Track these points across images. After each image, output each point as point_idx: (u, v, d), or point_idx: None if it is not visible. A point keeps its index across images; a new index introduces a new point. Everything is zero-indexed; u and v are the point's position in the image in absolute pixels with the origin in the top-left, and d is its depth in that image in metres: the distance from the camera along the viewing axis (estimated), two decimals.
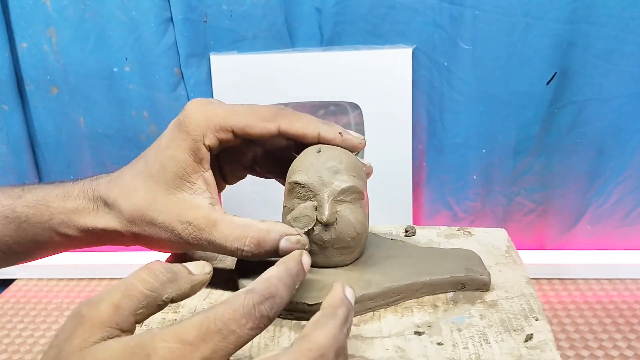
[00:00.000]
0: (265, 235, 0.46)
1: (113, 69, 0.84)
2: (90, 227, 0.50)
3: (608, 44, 0.77)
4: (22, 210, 0.50)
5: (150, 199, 0.48)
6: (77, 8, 0.81)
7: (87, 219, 0.50)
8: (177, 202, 0.48)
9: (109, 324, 0.34)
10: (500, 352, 0.41)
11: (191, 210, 0.47)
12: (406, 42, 0.81)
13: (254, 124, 0.48)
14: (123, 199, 0.49)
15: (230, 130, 0.48)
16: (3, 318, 0.85)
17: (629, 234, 0.88)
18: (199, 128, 0.48)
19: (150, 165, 0.49)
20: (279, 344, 0.43)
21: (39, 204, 0.50)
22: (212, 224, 0.47)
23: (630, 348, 0.73)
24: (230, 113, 0.49)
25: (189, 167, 0.48)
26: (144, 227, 0.48)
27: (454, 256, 0.51)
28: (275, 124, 0.48)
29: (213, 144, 0.48)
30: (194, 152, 0.48)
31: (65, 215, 0.50)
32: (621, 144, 0.82)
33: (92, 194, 0.50)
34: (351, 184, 0.47)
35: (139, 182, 0.49)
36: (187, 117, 0.49)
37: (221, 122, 0.48)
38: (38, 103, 0.87)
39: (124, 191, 0.49)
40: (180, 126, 0.49)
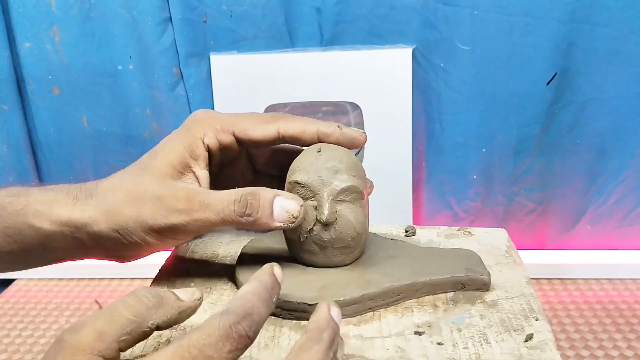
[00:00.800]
0: (261, 190, 0.45)
1: (117, 67, 0.84)
2: (65, 219, 0.46)
3: (608, 44, 0.77)
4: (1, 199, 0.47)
5: (137, 182, 0.47)
6: (82, 7, 0.81)
7: (64, 210, 0.46)
8: (165, 184, 0.47)
9: (91, 350, 0.32)
10: (501, 352, 0.41)
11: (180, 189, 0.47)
12: (406, 42, 0.81)
13: (254, 127, 0.49)
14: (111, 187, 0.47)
15: (231, 133, 0.49)
16: (3, 318, 0.85)
17: (629, 234, 0.88)
18: (201, 126, 0.49)
19: (144, 159, 0.49)
20: (279, 344, 0.43)
21: (19, 194, 0.48)
22: (207, 192, 0.46)
23: (630, 348, 0.73)
24: (232, 117, 0.50)
25: (182, 159, 0.48)
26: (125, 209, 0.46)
27: (454, 256, 0.51)
28: (275, 126, 0.49)
29: (212, 143, 0.49)
30: (190, 147, 0.48)
31: (41, 204, 0.47)
32: (621, 144, 0.82)
33: (78, 188, 0.48)
34: (351, 184, 0.47)
35: (129, 173, 0.48)
36: (192, 117, 0.50)
37: (223, 124, 0.49)
38: (39, 103, 0.87)
39: (113, 182, 0.48)
40: (183, 126, 0.50)
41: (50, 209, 0.46)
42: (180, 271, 0.53)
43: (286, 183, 0.49)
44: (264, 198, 0.45)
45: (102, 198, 0.46)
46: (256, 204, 0.45)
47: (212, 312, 0.46)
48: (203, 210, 0.45)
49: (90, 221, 0.46)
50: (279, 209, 0.45)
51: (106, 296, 0.90)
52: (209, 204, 0.45)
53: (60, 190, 0.48)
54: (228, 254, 0.55)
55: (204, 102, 0.85)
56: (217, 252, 0.56)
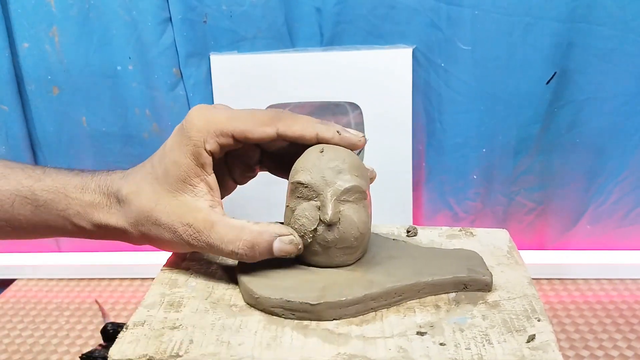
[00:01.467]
0: (258, 237, 0.47)
1: (117, 67, 0.84)
2: (103, 223, 0.51)
3: (608, 43, 0.77)
4: (41, 194, 0.52)
5: (155, 200, 0.49)
6: (81, 7, 0.81)
7: (101, 215, 0.51)
8: (179, 205, 0.49)
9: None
10: (503, 353, 0.41)
11: (191, 212, 0.48)
12: (406, 42, 0.81)
13: (252, 128, 0.49)
14: (132, 197, 0.50)
15: (230, 136, 0.49)
16: (3, 318, 0.85)
17: (629, 234, 0.88)
18: (200, 133, 0.49)
19: (156, 167, 0.50)
20: (281, 344, 0.43)
21: (58, 191, 0.52)
22: (210, 225, 0.48)
23: (630, 348, 0.73)
24: (230, 119, 0.49)
25: (190, 171, 0.49)
26: (149, 227, 0.49)
27: (456, 257, 0.51)
28: (274, 128, 0.49)
29: (214, 149, 0.49)
30: (195, 157, 0.49)
31: (81, 207, 0.51)
32: (621, 144, 0.82)
33: (107, 190, 0.52)
34: (354, 184, 0.47)
35: (146, 183, 0.50)
36: (189, 122, 0.49)
37: (221, 128, 0.49)
38: (39, 103, 0.87)
39: (133, 190, 0.50)
40: (183, 131, 0.50)
41: (90, 213, 0.52)
42: (181, 271, 0.53)
43: (289, 183, 0.49)
44: (261, 247, 0.47)
45: (128, 210, 0.50)
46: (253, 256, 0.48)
47: (214, 312, 0.46)
48: (210, 249, 0.48)
49: (123, 229, 0.51)
50: (278, 251, 0.47)
51: (106, 296, 0.90)
52: (212, 245, 0.48)
53: (95, 191, 0.52)
54: None
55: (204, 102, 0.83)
56: None
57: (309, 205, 0.47)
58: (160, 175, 0.50)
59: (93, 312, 0.86)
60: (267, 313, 0.46)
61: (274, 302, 0.45)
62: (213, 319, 0.46)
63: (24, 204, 0.52)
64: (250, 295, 0.47)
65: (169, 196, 0.49)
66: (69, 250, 0.97)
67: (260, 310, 0.46)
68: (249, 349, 0.42)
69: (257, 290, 0.46)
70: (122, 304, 0.87)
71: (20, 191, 0.52)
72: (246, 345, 0.42)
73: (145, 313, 0.47)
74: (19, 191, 0.52)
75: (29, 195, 0.52)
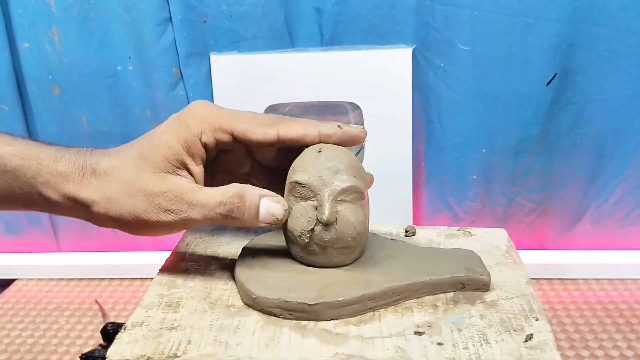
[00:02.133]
0: (248, 190, 0.46)
1: (117, 67, 0.84)
2: (72, 194, 0.49)
3: (609, 44, 0.77)
4: (10, 159, 0.49)
5: (135, 174, 0.48)
6: (81, 7, 0.81)
7: (71, 186, 0.49)
8: (161, 178, 0.48)
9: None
10: (501, 352, 0.41)
11: (174, 184, 0.48)
12: (406, 42, 0.81)
13: (253, 129, 0.49)
14: (111, 170, 0.49)
15: (230, 133, 0.49)
16: (3, 318, 0.85)
17: (629, 234, 0.88)
18: (200, 124, 0.48)
19: (143, 146, 0.50)
20: (279, 344, 0.43)
21: (30, 158, 0.49)
22: (194, 190, 0.47)
23: (630, 348, 0.73)
24: (232, 116, 0.49)
25: (179, 156, 0.48)
26: (122, 199, 0.48)
27: (454, 256, 0.51)
28: (275, 130, 0.49)
29: (210, 142, 0.49)
30: (188, 145, 0.48)
31: (52, 176, 0.49)
32: (621, 144, 0.82)
33: (83, 163, 0.50)
34: (351, 184, 0.47)
35: (129, 159, 0.49)
36: (190, 112, 0.49)
37: (222, 123, 0.49)
38: (39, 103, 0.87)
39: (114, 164, 0.49)
40: (182, 119, 0.49)
41: (60, 183, 0.49)
42: (180, 271, 0.53)
43: (286, 183, 0.49)
44: (249, 200, 0.46)
45: (103, 183, 0.48)
46: (242, 207, 0.46)
47: (212, 312, 0.46)
48: (191, 210, 0.47)
49: (92, 203, 0.48)
50: (265, 212, 0.46)
51: (106, 296, 0.90)
52: (195, 204, 0.47)
53: (69, 162, 0.49)
54: (228, 254, 0.55)
55: None
56: (217, 252, 0.56)
57: (307, 205, 0.47)
58: (146, 153, 0.49)
59: (93, 312, 0.86)
60: (265, 313, 0.46)
61: (272, 303, 0.45)
62: (211, 319, 0.46)
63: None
64: (248, 295, 0.47)
65: (151, 172, 0.48)
66: (69, 250, 0.97)
67: (258, 311, 0.46)
68: (247, 349, 0.42)
69: (255, 290, 0.46)
70: (122, 304, 0.88)
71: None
72: (244, 346, 0.42)
73: (144, 314, 0.47)
74: None
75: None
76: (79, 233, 0.96)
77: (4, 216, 0.95)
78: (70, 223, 0.96)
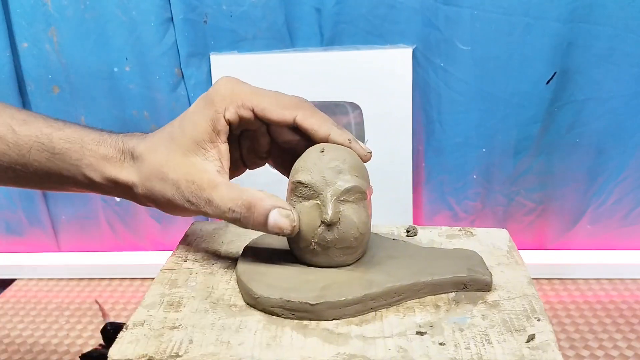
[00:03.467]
0: (258, 201, 0.47)
1: (114, 68, 0.84)
2: (113, 176, 0.53)
3: (608, 43, 0.77)
4: (58, 143, 0.53)
5: (166, 156, 0.51)
6: (77, 8, 0.81)
7: (112, 169, 0.53)
8: (188, 164, 0.50)
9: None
10: (502, 353, 0.41)
11: (198, 172, 0.50)
12: (406, 42, 0.81)
13: (273, 108, 0.50)
14: (147, 154, 0.52)
15: (251, 109, 0.51)
16: (3, 318, 0.85)
17: (629, 234, 0.88)
18: (224, 101, 0.51)
19: (175, 128, 0.52)
20: (281, 344, 0.43)
21: (75, 142, 0.53)
22: (214, 185, 0.49)
23: (631, 348, 0.73)
24: (254, 94, 0.51)
25: (206, 134, 0.51)
26: (155, 183, 0.51)
27: (455, 256, 0.51)
28: (293, 114, 0.50)
29: (233, 119, 0.51)
30: (213, 122, 0.51)
31: (95, 159, 0.53)
32: (621, 144, 0.82)
33: (122, 146, 0.53)
34: (354, 184, 0.47)
35: (161, 142, 0.52)
36: (216, 89, 0.52)
37: (244, 100, 0.51)
38: (39, 103, 0.87)
39: (149, 147, 0.52)
40: (207, 97, 0.52)
41: (102, 165, 0.53)
42: (181, 271, 0.53)
43: (289, 183, 0.49)
44: (258, 212, 0.47)
45: (140, 165, 0.52)
46: (249, 217, 0.48)
47: (214, 311, 0.46)
48: (207, 207, 0.49)
49: (131, 184, 0.53)
50: (272, 223, 0.47)
51: (106, 296, 0.90)
52: (211, 203, 0.49)
53: (110, 145, 0.54)
54: (229, 254, 0.55)
55: None
56: (218, 251, 0.56)
57: (309, 205, 0.47)
58: (177, 135, 0.51)
59: (93, 312, 0.86)
60: (267, 313, 0.46)
61: (274, 302, 0.45)
62: (213, 319, 0.46)
63: (40, 150, 0.53)
64: (250, 295, 0.47)
65: (180, 155, 0.51)
66: (69, 250, 0.97)
67: (260, 310, 0.46)
68: (248, 348, 0.42)
69: (257, 290, 0.46)
70: (122, 304, 0.87)
71: (39, 138, 0.53)
72: (246, 345, 0.42)
73: (145, 313, 0.47)
74: (38, 137, 0.53)
75: (46, 143, 0.53)
76: (79, 233, 0.96)
77: (4, 216, 0.95)
78: (70, 223, 0.96)
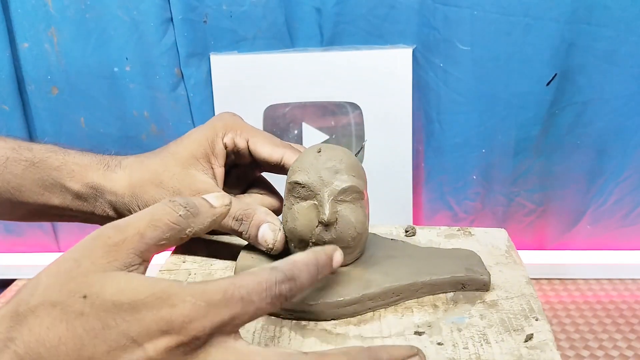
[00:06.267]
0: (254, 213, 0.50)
1: (114, 68, 0.84)
2: (96, 183, 0.52)
3: (608, 44, 0.77)
4: (39, 152, 0.53)
5: (165, 166, 0.52)
6: (78, 8, 0.81)
7: (96, 175, 0.52)
8: (188, 175, 0.51)
9: (134, 251, 0.35)
10: (501, 352, 0.41)
11: (202, 183, 0.51)
12: (406, 42, 0.81)
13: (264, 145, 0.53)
14: (137, 164, 0.53)
15: (246, 141, 0.53)
16: None
17: (629, 234, 0.88)
18: (224, 127, 0.53)
19: (171, 146, 0.54)
20: (279, 344, 0.43)
21: (57, 151, 0.53)
22: None
23: (631, 348, 0.73)
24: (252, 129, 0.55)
25: (205, 152, 0.52)
26: (149, 188, 0.51)
27: (454, 256, 0.51)
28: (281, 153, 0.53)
29: (229, 143, 0.53)
30: (212, 143, 0.52)
31: (77, 166, 0.53)
32: (621, 144, 0.82)
33: (109, 159, 0.54)
34: (351, 184, 0.47)
35: (155, 154, 0.53)
36: (219, 117, 0.55)
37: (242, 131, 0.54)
38: (38, 103, 0.87)
39: (140, 159, 0.53)
40: (209, 122, 0.54)
41: (84, 172, 0.53)
42: (180, 271, 0.53)
43: (286, 183, 0.49)
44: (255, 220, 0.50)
45: (130, 171, 0.52)
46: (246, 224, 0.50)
47: None
48: None
49: (116, 191, 0.52)
50: (261, 236, 0.49)
51: None
52: None
53: (94, 156, 0.54)
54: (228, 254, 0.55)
55: (205, 103, 0.85)
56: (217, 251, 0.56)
57: (307, 205, 0.47)
58: (174, 149, 0.53)
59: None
60: None
61: None
62: None
63: (18, 160, 0.52)
64: None
65: (179, 166, 0.52)
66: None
67: None
68: None
69: None
70: None
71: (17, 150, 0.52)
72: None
73: None
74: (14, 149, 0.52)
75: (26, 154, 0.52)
76: (79, 233, 0.96)
77: None
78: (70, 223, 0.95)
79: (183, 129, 0.58)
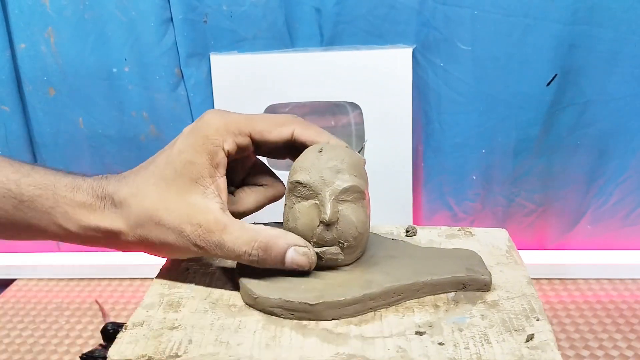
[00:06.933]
0: (274, 241, 0.46)
1: (112, 69, 0.84)
2: (94, 225, 0.48)
3: (609, 45, 0.77)
4: (27, 190, 0.48)
5: (161, 200, 0.47)
6: (76, 8, 0.81)
7: (93, 216, 0.48)
8: (188, 205, 0.47)
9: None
10: (502, 352, 0.41)
11: (202, 213, 0.47)
12: (406, 42, 0.81)
13: (270, 129, 0.49)
14: (132, 199, 0.48)
15: (248, 135, 0.49)
16: (3, 318, 0.85)
17: (630, 235, 0.88)
18: (219, 133, 0.48)
19: (162, 168, 0.49)
20: (280, 344, 0.43)
21: (47, 188, 0.49)
22: (222, 226, 0.46)
23: (631, 348, 0.73)
24: (247, 119, 0.50)
25: (205, 171, 0.48)
26: (150, 229, 0.47)
27: (455, 256, 0.51)
28: (289, 129, 0.50)
29: (232, 149, 0.49)
30: (211, 156, 0.48)
31: (70, 207, 0.48)
32: (622, 145, 0.82)
33: (101, 192, 0.49)
34: (353, 184, 0.47)
35: (149, 184, 0.48)
36: (206, 123, 0.49)
37: (240, 127, 0.49)
38: (36, 104, 0.87)
39: (134, 192, 0.48)
40: (198, 132, 0.48)
41: (79, 214, 0.48)
42: (180, 271, 0.53)
43: (287, 183, 0.49)
44: (275, 252, 0.47)
45: (126, 211, 0.48)
46: (267, 259, 0.47)
47: (213, 311, 0.46)
48: (217, 250, 0.47)
49: (117, 232, 0.48)
50: (290, 262, 0.47)
51: (106, 296, 0.90)
52: (222, 246, 0.47)
53: (87, 192, 0.49)
54: None
55: (205, 103, 0.85)
56: None
57: (308, 205, 0.47)
58: (169, 176, 0.48)
59: (93, 312, 0.86)
60: (266, 313, 0.46)
61: (273, 302, 0.45)
62: (212, 319, 0.46)
63: (7, 197, 0.48)
64: (249, 295, 0.47)
65: (177, 197, 0.47)
66: (69, 250, 0.97)
67: (259, 310, 0.46)
68: (247, 349, 0.42)
69: (256, 290, 0.46)
70: (122, 304, 0.87)
71: (5, 184, 0.48)
72: (245, 345, 0.42)
73: (144, 313, 0.47)
74: (3, 184, 0.48)
75: (14, 189, 0.48)
76: None
77: None
78: None
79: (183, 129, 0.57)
